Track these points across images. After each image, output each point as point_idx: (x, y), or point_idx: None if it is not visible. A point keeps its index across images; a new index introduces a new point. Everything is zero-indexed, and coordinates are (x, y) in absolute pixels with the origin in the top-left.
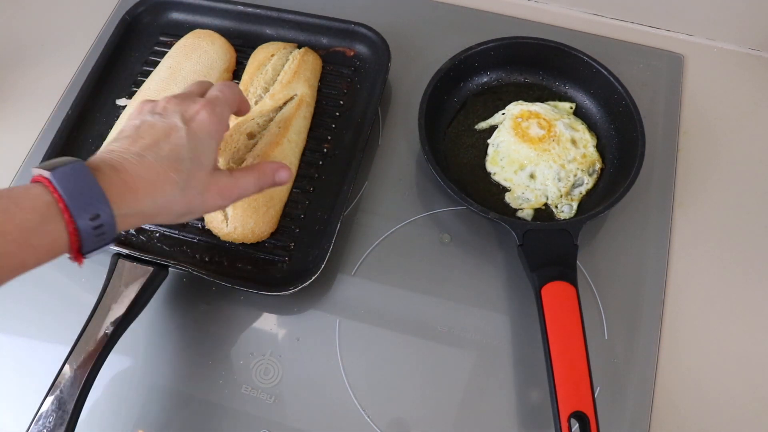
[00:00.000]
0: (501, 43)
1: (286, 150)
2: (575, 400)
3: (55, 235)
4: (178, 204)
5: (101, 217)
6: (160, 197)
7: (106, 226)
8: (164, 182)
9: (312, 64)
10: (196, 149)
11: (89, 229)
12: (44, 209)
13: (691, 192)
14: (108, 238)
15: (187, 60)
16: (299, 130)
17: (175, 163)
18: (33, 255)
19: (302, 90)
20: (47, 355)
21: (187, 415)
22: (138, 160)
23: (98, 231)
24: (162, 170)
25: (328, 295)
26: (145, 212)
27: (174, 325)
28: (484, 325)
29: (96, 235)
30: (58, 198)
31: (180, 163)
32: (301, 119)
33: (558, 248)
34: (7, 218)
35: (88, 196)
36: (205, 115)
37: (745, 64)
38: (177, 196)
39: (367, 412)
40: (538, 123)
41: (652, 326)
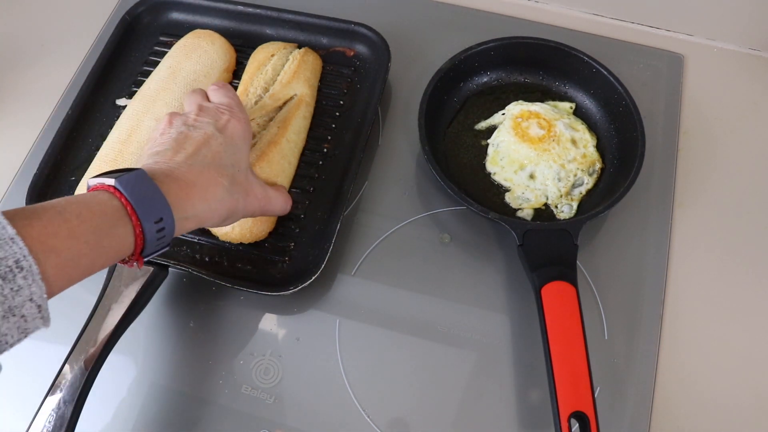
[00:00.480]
0: (501, 43)
1: (285, 150)
2: (575, 400)
3: (123, 238)
4: (225, 206)
5: (164, 220)
6: (212, 201)
7: (167, 229)
8: (215, 186)
9: (312, 64)
10: (234, 154)
11: (153, 232)
12: (114, 213)
13: (691, 192)
14: (166, 241)
15: (187, 60)
16: (299, 129)
17: (219, 168)
18: (102, 256)
19: (302, 90)
20: (47, 355)
21: (187, 415)
22: (187, 168)
23: (160, 234)
24: (211, 176)
25: (328, 295)
26: (198, 216)
27: (174, 325)
28: (484, 325)
29: (158, 239)
30: (125, 203)
31: (224, 168)
32: (300, 119)
33: (558, 248)
34: (80, 222)
35: (152, 201)
36: (235, 122)
37: (745, 64)
38: (225, 199)
39: (367, 412)
40: (538, 123)
41: (652, 326)
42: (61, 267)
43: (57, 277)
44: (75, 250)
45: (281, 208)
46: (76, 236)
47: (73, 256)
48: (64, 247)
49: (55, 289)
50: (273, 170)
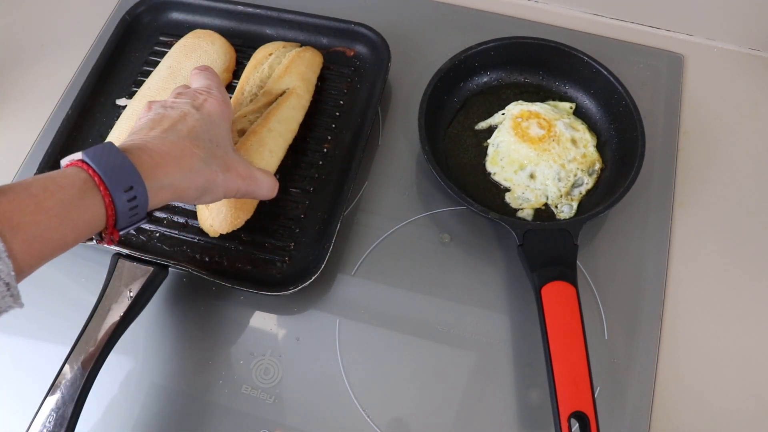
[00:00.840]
0: (501, 43)
1: (265, 138)
2: (575, 400)
3: (93, 209)
4: (202, 177)
5: (135, 189)
6: (187, 170)
7: (139, 199)
8: (190, 156)
9: (309, 59)
10: (212, 129)
11: (124, 201)
12: (82, 184)
13: (691, 192)
14: (140, 214)
15: (187, 60)
16: (284, 119)
17: (195, 140)
18: (73, 230)
19: (294, 83)
20: (47, 355)
21: (188, 415)
22: (161, 141)
23: (131, 204)
24: (185, 146)
25: (328, 295)
26: (174, 185)
27: (174, 325)
28: (484, 325)
29: (129, 209)
30: (93, 173)
31: (200, 141)
32: (287, 109)
33: (558, 248)
34: (47, 195)
35: (121, 171)
36: (213, 101)
37: (745, 64)
38: (202, 169)
39: (367, 412)
40: (538, 123)
41: (652, 326)
42: (30, 243)
43: (26, 254)
44: (43, 225)
45: (268, 189)
46: (44, 210)
47: (42, 230)
48: (32, 222)
49: (24, 267)
50: (251, 158)
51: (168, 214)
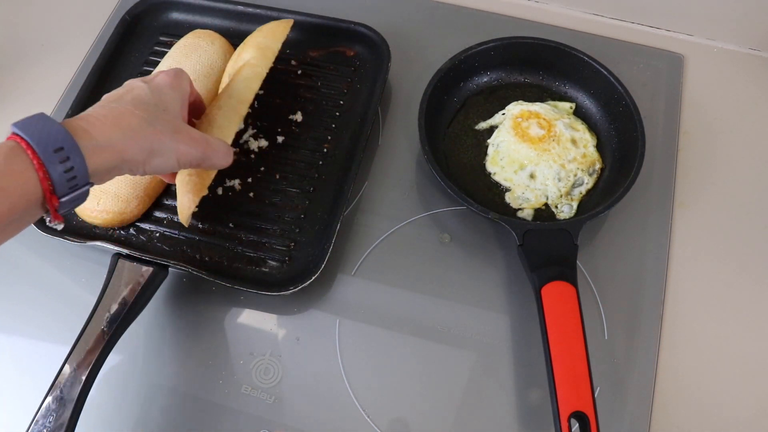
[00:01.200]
0: (501, 43)
1: (215, 117)
2: (575, 400)
3: (25, 176)
4: (146, 136)
5: (66, 150)
6: (127, 129)
7: (74, 160)
8: (129, 116)
9: (268, 28)
10: (159, 96)
11: (56, 164)
12: (8, 152)
13: (691, 192)
14: (80, 178)
15: (187, 60)
16: (235, 93)
17: (138, 105)
18: (6, 199)
19: (250, 54)
20: (47, 355)
21: (187, 415)
22: (99, 109)
23: (66, 166)
24: (126, 109)
25: (328, 295)
26: (113, 145)
27: (174, 325)
28: (484, 325)
29: (65, 171)
30: (20, 140)
31: (143, 105)
32: (239, 82)
33: (558, 248)
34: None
35: (50, 133)
36: (163, 75)
37: (745, 64)
38: (145, 129)
39: (367, 412)
40: (538, 123)
41: (652, 326)
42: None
43: None
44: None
45: (223, 156)
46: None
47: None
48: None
49: None
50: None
51: (168, 214)
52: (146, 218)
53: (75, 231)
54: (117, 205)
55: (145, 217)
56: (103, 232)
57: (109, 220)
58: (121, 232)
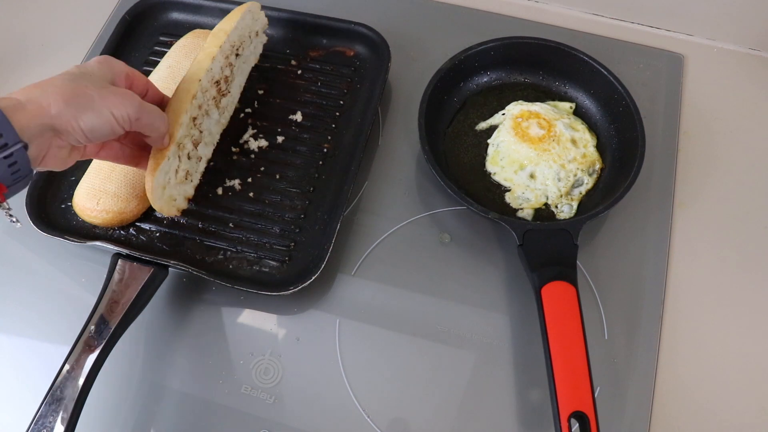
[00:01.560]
0: (501, 43)
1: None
2: (575, 400)
3: None
4: (69, 89)
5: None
6: (48, 86)
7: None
8: (52, 79)
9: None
10: (83, 68)
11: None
12: None
13: (691, 192)
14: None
15: (187, 59)
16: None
17: (62, 74)
18: None
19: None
20: (47, 355)
21: (187, 415)
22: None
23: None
24: (49, 78)
25: (328, 295)
26: (34, 100)
27: (174, 325)
28: (484, 325)
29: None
30: None
31: (67, 73)
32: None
33: (558, 248)
34: None
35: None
36: (93, 59)
37: (745, 64)
38: (66, 83)
39: (367, 412)
40: (538, 123)
41: (652, 326)
42: None
43: None
44: None
45: (158, 116)
46: None
47: None
48: None
49: None
50: None
51: None
52: (146, 218)
53: (75, 231)
54: (117, 205)
55: (145, 217)
56: (103, 232)
57: (109, 220)
58: (121, 232)
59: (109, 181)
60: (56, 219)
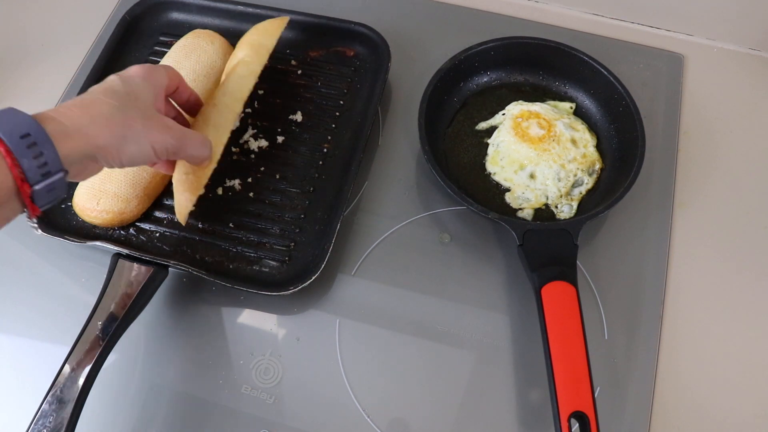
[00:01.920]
0: (501, 43)
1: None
2: (575, 400)
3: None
4: (117, 122)
5: (33, 136)
6: (97, 115)
7: (42, 146)
8: (99, 104)
9: (263, 27)
10: (129, 86)
11: (23, 148)
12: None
13: (691, 192)
14: (51, 164)
15: (187, 59)
16: (230, 91)
17: (108, 93)
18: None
19: (244, 53)
20: (47, 355)
21: (187, 415)
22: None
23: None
24: (95, 98)
25: (328, 295)
26: (82, 130)
27: (174, 325)
28: (484, 325)
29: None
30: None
31: (113, 93)
32: (234, 80)
33: (558, 248)
34: None
35: (15, 122)
36: (137, 68)
37: (745, 64)
38: (115, 114)
39: (367, 412)
40: (538, 123)
41: (652, 326)
42: None
43: None
44: None
45: (199, 146)
46: None
47: None
48: None
49: None
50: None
51: (168, 214)
52: (146, 218)
53: (75, 231)
54: (117, 205)
55: (145, 217)
56: (103, 232)
57: (109, 220)
58: (121, 232)
59: (109, 181)
60: (56, 219)
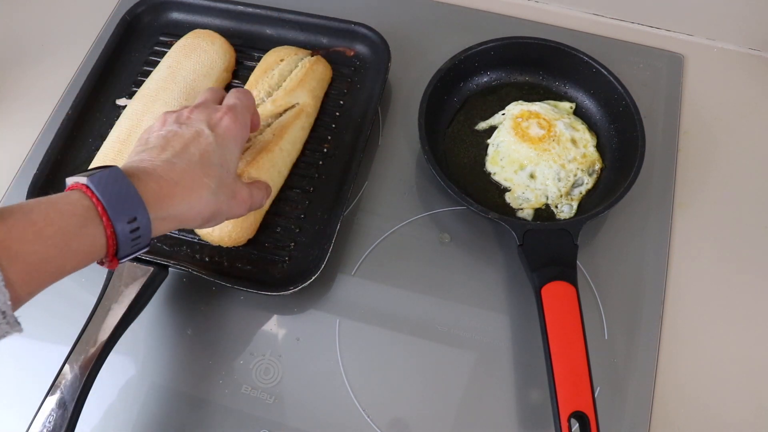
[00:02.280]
0: (501, 43)
1: (276, 158)
2: (575, 400)
3: (94, 239)
4: (209, 208)
5: (138, 220)
6: (195, 201)
7: (142, 229)
8: (200, 187)
9: (320, 74)
10: (223, 154)
11: (126, 232)
12: (83, 213)
13: (691, 192)
14: (143, 242)
15: (187, 59)
16: (294, 139)
17: (206, 167)
18: (72, 259)
19: (305, 99)
20: (47, 355)
21: (187, 415)
22: (170, 167)
23: (134, 235)
24: (196, 175)
25: (328, 295)
26: (179, 216)
27: (174, 325)
28: (484, 325)
29: (132, 239)
30: (96, 202)
31: (211, 168)
32: (298, 129)
33: (558, 248)
34: (47, 223)
35: (126, 200)
36: (229, 121)
37: (745, 64)
38: (210, 200)
39: (367, 412)
40: (538, 123)
41: (652, 326)
42: (27, 272)
43: (23, 283)
44: (42, 254)
45: (262, 203)
46: (43, 239)
47: (40, 260)
48: (30, 252)
49: (22, 295)
50: (261, 178)
51: None
52: None
53: None
54: None
55: None
56: None
57: None
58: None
59: None
60: None
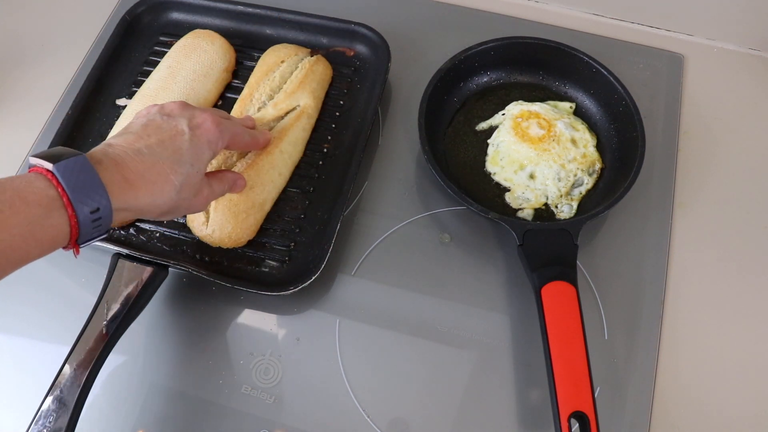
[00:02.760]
0: (501, 43)
1: (276, 160)
2: (575, 400)
3: (58, 228)
4: (169, 204)
5: (100, 210)
6: (158, 196)
7: (104, 218)
8: (164, 183)
9: (320, 74)
10: (195, 155)
11: (88, 222)
12: (48, 203)
13: (691, 192)
14: (102, 230)
15: (187, 59)
16: (295, 141)
17: (175, 165)
18: (36, 247)
19: (305, 101)
20: (47, 355)
21: (187, 415)
22: (140, 158)
23: (96, 223)
24: (163, 171)
25: (328, 295)
26: (139, 208)
27: (174, 325)
28: (484, 325)
29: (93, 227)
30: (62, 192)
31: (180, 166)
32: (299, 130)
33: (558, 248)
34: (12, 212)
35: (90, 190)
36: (210, 125)
37: (745, 64)
38: (172, 197)
39: (367, 412)
40: (538, 123)
41: (652, 326)
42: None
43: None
44: (7, 243)
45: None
46: (9, 228)
47: (5, 248)
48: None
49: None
50: (261, 180)
51: None
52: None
53: None
54: None
55: None
56: None
57: None
58: (121, 232)
59: None
60: None
